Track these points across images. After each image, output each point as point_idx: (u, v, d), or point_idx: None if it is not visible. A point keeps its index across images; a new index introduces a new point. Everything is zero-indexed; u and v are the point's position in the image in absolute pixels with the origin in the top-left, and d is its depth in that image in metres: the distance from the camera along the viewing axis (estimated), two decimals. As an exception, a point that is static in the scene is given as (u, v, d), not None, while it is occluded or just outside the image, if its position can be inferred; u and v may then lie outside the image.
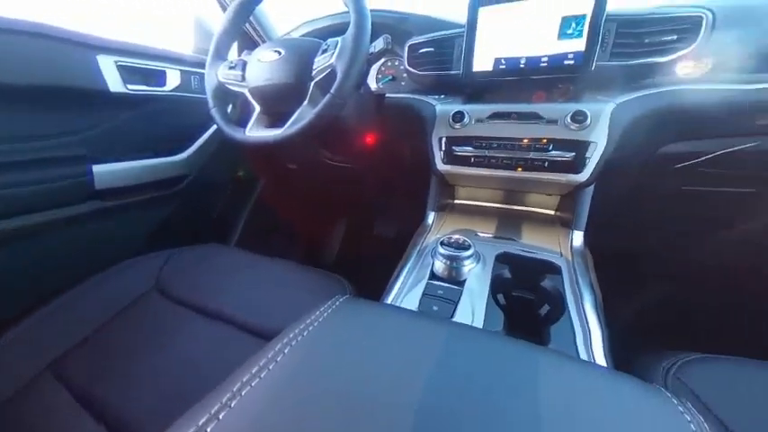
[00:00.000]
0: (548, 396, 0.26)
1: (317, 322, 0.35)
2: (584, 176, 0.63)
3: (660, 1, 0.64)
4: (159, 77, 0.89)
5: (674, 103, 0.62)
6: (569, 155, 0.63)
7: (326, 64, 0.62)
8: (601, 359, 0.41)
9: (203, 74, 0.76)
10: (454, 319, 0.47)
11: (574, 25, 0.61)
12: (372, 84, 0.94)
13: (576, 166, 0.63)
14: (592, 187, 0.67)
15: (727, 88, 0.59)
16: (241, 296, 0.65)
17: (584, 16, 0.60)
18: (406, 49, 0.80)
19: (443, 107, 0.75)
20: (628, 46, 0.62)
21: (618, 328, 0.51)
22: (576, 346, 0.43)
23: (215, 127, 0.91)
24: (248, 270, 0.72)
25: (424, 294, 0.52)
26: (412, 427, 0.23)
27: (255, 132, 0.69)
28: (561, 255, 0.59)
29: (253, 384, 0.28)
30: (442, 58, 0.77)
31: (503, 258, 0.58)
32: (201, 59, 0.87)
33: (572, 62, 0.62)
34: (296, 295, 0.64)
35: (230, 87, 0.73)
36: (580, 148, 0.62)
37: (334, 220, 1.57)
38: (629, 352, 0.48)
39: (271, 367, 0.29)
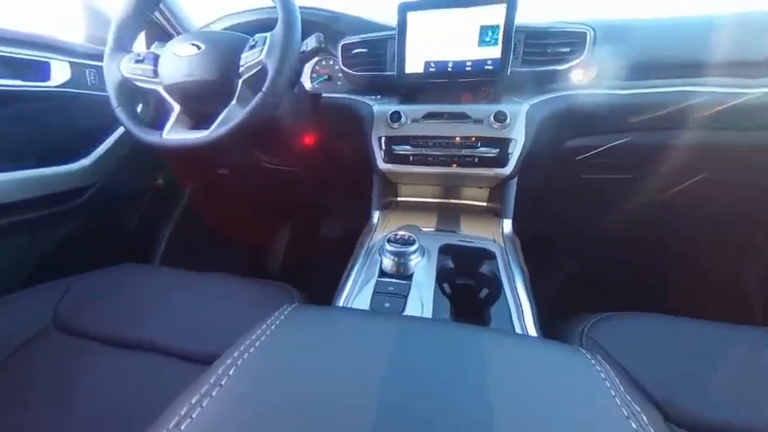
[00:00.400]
0: (488, 370, 0.29)
1: (265, 336, 0.33)
2: (508, 170, 0.71)
3: (557, 16, 0.75)
4: (40, 70, 0.73)
5: (571, 104, 0.73)
6: (495, 151, 0.70)
7: (256, 61, 0.59)
8: (532, 330, 0.47)
9: (102, 67, 0.65)
10: (405, 313, 0.49)
11: (490, 33, 0.68)
12: (307, 83, 0.92)
13: (501, 160, 0.70)
14: (515, 179, 0.75)
15: (607, 93, 0.72)
16: (169, 320, 0.57)
17: (498, 26, 0.67)
18: (340, 48, 0.80)
19: (381, 107, 0.77)
20: (535, 54, 0.72)
21: (545, 300, 0.59)
22: (512, 322, 0.48)
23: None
24: (177, 289, 0.64)
25: (374, 292, 0.53)
26: (372, 426, 0.23)
27: (176, 135, 0.62)
28: (495, 241, 0.66)
29: (194, 416, 0.25)
30: (377, 59, 0.79)
31: (445, 250, 0.62)
32: (98, 51, 0.75)
33: (491, 67, 0.69)
34: (238, 311, 0.59)
35: (139, 84, 0.64)
36: (503, 144, 0.69)
37: (277, 225, 1.49)
38: (554, 320, 0.56)
39: (214, 393, 0.27)
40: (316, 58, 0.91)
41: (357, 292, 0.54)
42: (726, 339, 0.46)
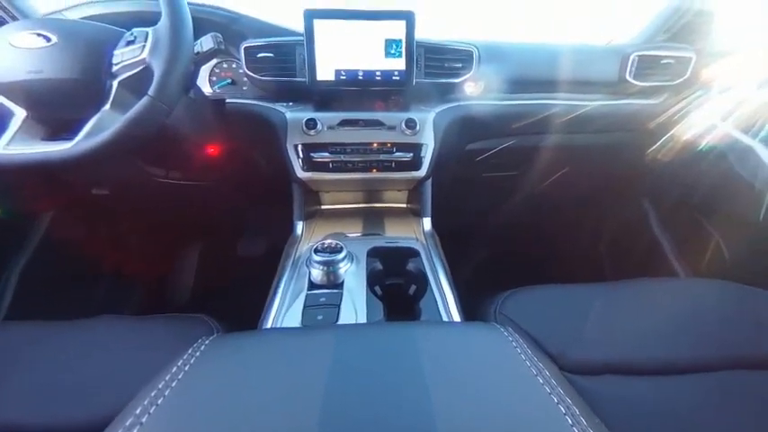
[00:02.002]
0: (421, 359, 0.31)
1: (178, 379, 0.28)
2: (422, 172, 0.76)
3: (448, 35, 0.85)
4: None
5: (467, 113, 0.84)
6: (409, 155, 0.75)
7: (136, 59, 0.50)
8: (456, 316, 0.52)
9: None
10: (339, 322, 0.48)
11: (395, 47, 0.73)
12: (206, 87, 0.82)
13: (416, 164, 0.76)
14: (430, 181, 0.82)
15: (492, 103, 0.85)
16: (31, 389, 0.44)
17: (401, 40, 0.72)
18: (242, 51, 0.74)
19: (294, 114, 0.74)
20: (435, 68, 0.80)
21: (466, 286, 0.65)
22: (439, 312, 0.52)
23: None
24: (37, 348, 0.49)
25: (305, 307, 0.50)
26: None
27: (21, 147, 0.48)
28: (417, 240, 0.70)
29: None
30: (284, 65, 0.76)
31: (373, 253, 0.63)
32: None
33: (398, 78, 0.74)
34: (135, 358, 0.48)
35: None
36: (416, 149, 0.75)
37: (181, 250, 1.28)
38: (475, 302, 0.62)
39: None
40: (214, 61, 0.82)
41: (286, 310, 0.50)
42: (596, 296, 0.59)
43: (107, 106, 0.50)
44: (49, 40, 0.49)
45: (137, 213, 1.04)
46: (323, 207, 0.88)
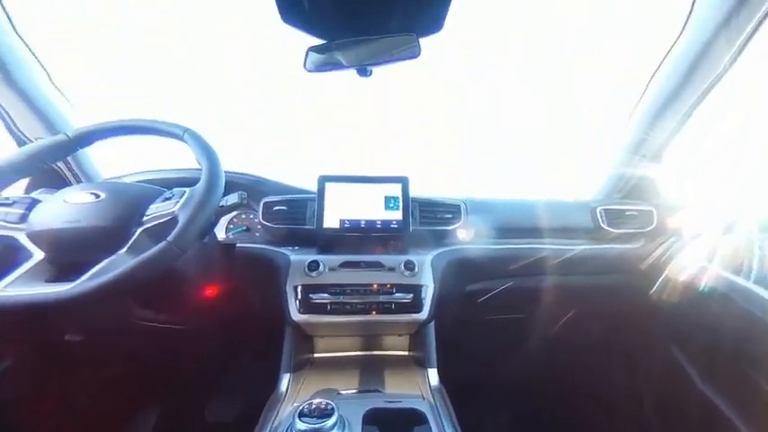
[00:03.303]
0: None
1: None
2: (423, 315, 0.73)
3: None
4: None
5: (463, 255, 0.89)
6: (409, 296, 0.74)
7: (166, 212, 0.56)
8: None
9: None
10: None
11: (393, 202, 0.85)
12: (221, 233, 0.90)
13: (416, 305, 0.74)
14: (432, 325, 0.77)
15: (484, 247, 0.91)
16: None
17: (398, 197, 0.85)
18: (262, 205, 0.86)
19: (298, 257, 0.78)
20: (428, 218, 0.90)
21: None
22: None
23: None
24: None
25: None
26: None
27: (20, 289, 0.48)
28: (423, 398, 0.60)
29: None
30: (296, 215, 0.86)
31: (371, 418, 0.52)
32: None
33: (396, 226, 0.83)
34: None
35: None
36: (416, 290, 0.75)
37: (139, 410, 1.05)
38: None
39: None
40: (234, 212, 0.94)
41: None
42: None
43: (123, 250, 0.53)
44: (98, 197, 0.58)
45: (100, 364, 0.91)
46: (315, 356, 0.79)
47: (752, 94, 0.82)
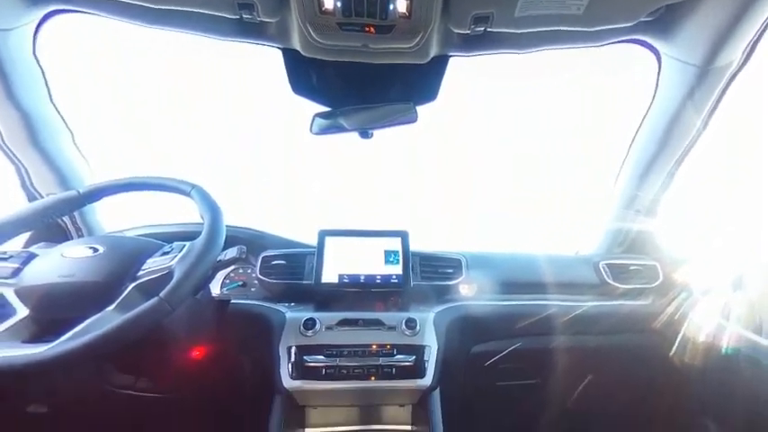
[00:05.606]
0: None
1: None
2: (427, 380, 0.67)
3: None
4: None
5: (467, 311, 0.84)
6: (411, 358, 0.69)
7: (163, 266, 0.55)
8: None
9: None
10: None
11: (393, 256, 0.84)
12: (216, 288, 0.87)
13: (419, 369, 0.68)
14: (437, 394, 0.70)
15: (490, 303, 0.88)
16: None
17: (398, 251, 0.84)
18: (260, 259, 0.85)
19: (294, 314, 0.74)
20: (429, 272, 0.88)
21: None
22: None
23: None
24: None
25: None
26: None
27: None
28: None
29: None
30: (294, 270, 0.84)
31: None
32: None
33: (396, 281, 0.81)
34: None
35: None
36: (418, 351, 0.70)
37: None
38: None
39: None
40: (231, 267, 0.92)
41: None
42: None
43: (111, 307, 0.50)
44: (96, 250, 0.57)
45: None
46: (307, 431, 0.70)
47: (739, 143, 0.86)
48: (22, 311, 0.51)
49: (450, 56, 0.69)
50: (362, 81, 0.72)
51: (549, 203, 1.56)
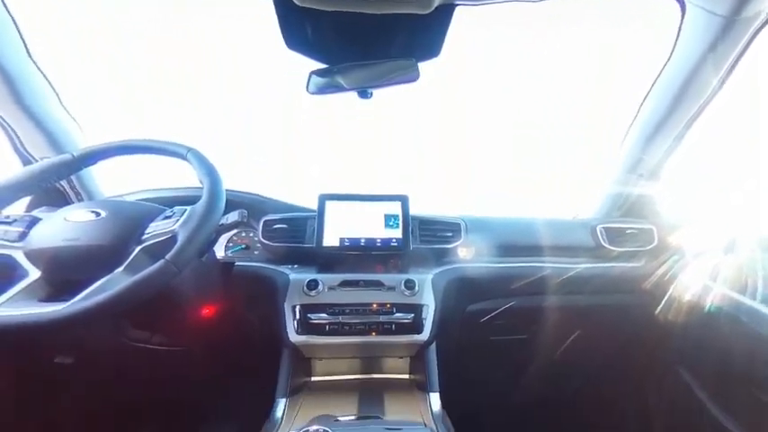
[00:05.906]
0: None
1: None
2: (424, 336, 0.72)
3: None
4: None
5: (463, 273, 0.87)
6: (410, 316, 0.73)
7: (166, 230, 0.56)
8: None
9: None
10: None
11: (393, 220, 0.85)
12: (220, 251, 0.89)
13: (417, 326, 0.72)
14: (434, 347, 0.75)
15: (485, 266, 0.90)
16: None
17: (398, 215, 0.85)
18: (262, 223, 0.86)
19: (297, 276, 0.77)
20: (428, 236, 0.89)
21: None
22: None
23: None
24: None
25: None
26: None
27: (12, 309, 0.47)
28: (425, 425, 0.58)
29: None
30: (295, 234, 0.85)
31: None
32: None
33: (396, 244, 0.82)
34: None
35: None
36: (416, 310, 0.73)
37: None
38: None
39: None
40: (234, 230, 0.94)
41: None
42: None
43: (120, 269, 0.52)
44: (98, 215, 0.58)
45: (90, 387, 0.88)
46: (313, 379, 0.76)
47: (748, 110, 0.83)
48: (35, 273, 0.53)
49: (456, 4, 0.63)
50: (361, 34, 0.67)
51: (550, 170, 1.54)
